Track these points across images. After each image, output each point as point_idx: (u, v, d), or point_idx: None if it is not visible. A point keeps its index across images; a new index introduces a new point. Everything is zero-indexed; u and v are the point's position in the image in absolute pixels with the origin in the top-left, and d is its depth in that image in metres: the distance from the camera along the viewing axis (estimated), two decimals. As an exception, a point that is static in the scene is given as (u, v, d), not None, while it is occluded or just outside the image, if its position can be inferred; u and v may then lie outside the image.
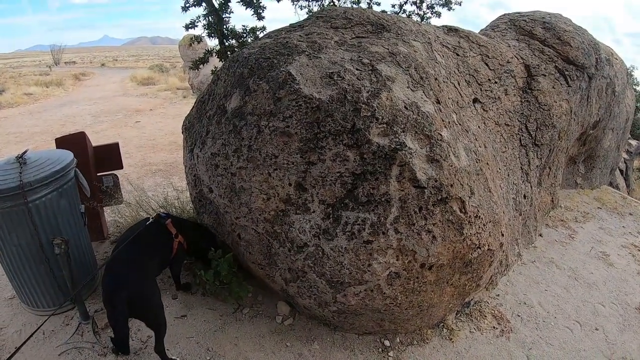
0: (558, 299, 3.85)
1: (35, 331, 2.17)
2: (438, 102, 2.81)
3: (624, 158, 9.60)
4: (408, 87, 2.64)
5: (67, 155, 3.13)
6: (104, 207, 4.17)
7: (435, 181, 2.42)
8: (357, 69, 2.59)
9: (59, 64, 41.66)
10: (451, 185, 2.48)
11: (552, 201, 5.20)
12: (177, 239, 3.11)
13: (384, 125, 2.40)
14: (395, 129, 2.40)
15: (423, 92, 2.70)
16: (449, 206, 2.48)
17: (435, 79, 2.97)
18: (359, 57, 2.71)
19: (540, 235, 4.98)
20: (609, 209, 6.25)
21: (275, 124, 2.50)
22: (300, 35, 2.98)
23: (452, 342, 3.19)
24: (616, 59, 6.51)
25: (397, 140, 2.38)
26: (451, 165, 2.52)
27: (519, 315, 3.57)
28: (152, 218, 3.11)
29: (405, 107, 2.50)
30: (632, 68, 14.27)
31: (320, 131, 2.42)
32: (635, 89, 13.30)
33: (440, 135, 2.54)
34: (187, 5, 4.77)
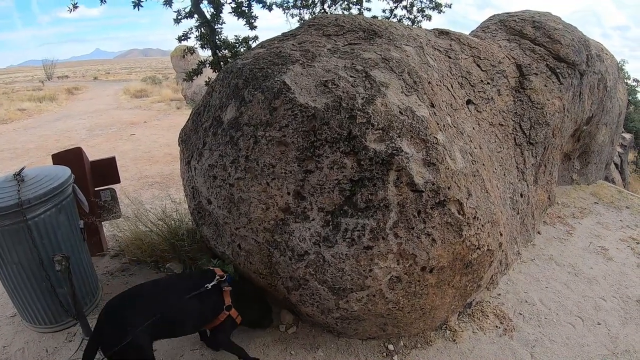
0: (559, 296, 3.87)
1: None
2: (432, 105, 2.83)
3: (618, 152, 9.67)
4: (402, 92, 2.66)
5: (65, 171, 3.14)
6: (102, 221, 4.17)
7: (433, 184, 2.44)
8: (351, 76, 2.61)
9: (52, 79, 41.52)
10: (448, 188, 2.50)
11: (549, 198, 5.22)
12: (229, 311, 2.70)
13: (380, 131, 2.42)
14: (391, 135, 2.42)
15: (417, 97, 2.72)
16: (447, 209, 2.50)
17: (429, 82, 2.99)
18: (353, 64, 2.73)
19: (539, 232, 5.00)
20: (606, 204, 6.29)
21: (272, 134, 2.51)
22: (293, 44, 3.00)
23: (456, 343, 3.19)
24: (606, 54, 6.57)
25: (394, 145, 2.40)
26: (448, 168, 2.53)
27: (521, 314, 3.58)
28: (217, 278, 2.70)
29: (400, 112, 2.51)
30: (622, 62, 14.38)
31: (316, 139, 2.43)
32: (626, 83, 13.41)
33: (436, 138, 2.56)
34: (179, 17, 4.79)
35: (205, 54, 5.41)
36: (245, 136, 2.60)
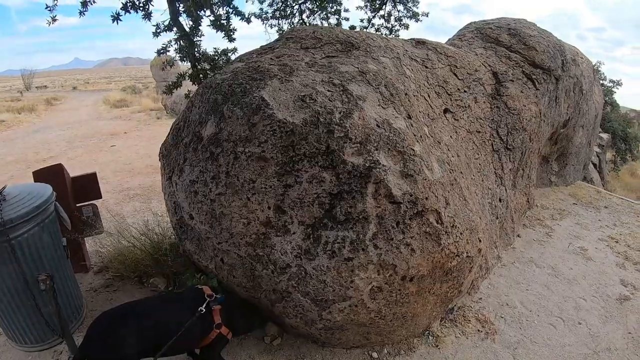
0: (540, 297, 3.95)
1: None
2: (409, 117, 2.88)
3: (596, 152, 9.89)
4: (379, 105, 2.71)
5: (46, 189, 3.11)
6: (85, 238, 4.13)
7: (411, 195, 2.49)
8: (328, 91, 2.65)
9: (30, 89, 40.83)
10: (426, 198, 2.55)
11: (528, 201, 5.33)
12: (219, 329, 2.67)
13: (358, 145, 2.46)
14: (368, 148, 2.47)
15: (394, 109, 2.78)
16: (425, 218, 2.55)
17: (406, 94, 3.05)
18: (330, 78, 2.77)
19: (519, 236, 5.10)
20: (584, 204, 6.43)
21: (251, 150, 2.53)
22: (271, 58, 3.03)
23: (439, 348, 3.24)
24: (581, 58, 6.74)
25: (371, 158, 2.44)
26: (425, 179, 2.59)
27: (502, 317, 3.65)
28: (208, 301, 2.68)
29: (377, 125, 2.56)
30: (598, 64, 14.68)
31: (295, 154, 2.47)
32: (603, 84, 13.70)
33: (413, 150, 2.62)
34: (159, 30, 4.79)
35: (185, 66, 5.42)
36: (225, 152, 2.62)
